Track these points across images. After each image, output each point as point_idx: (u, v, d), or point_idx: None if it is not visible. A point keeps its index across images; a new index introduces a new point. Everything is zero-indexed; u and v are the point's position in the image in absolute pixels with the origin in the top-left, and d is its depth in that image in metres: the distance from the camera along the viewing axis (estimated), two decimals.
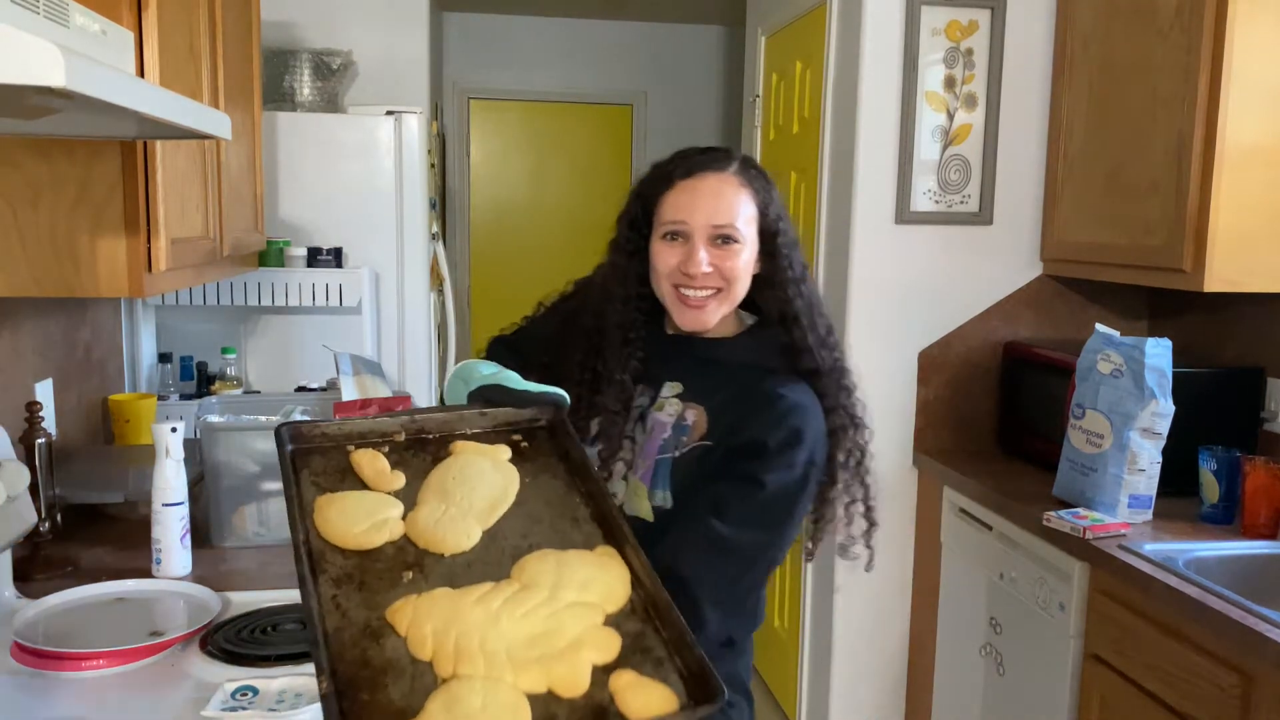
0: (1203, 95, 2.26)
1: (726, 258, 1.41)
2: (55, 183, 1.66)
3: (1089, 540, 2.14)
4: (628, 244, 1.48)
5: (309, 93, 3.47)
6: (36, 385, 2.07)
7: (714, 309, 1.44)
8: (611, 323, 1.48)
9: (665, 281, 1.44)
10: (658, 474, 1.40)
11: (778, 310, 1.45)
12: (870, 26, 2.82)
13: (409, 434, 1.25)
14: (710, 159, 1.44)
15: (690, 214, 1.41)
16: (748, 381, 1.42)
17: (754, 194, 1.43)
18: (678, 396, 1.44)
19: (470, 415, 1.28)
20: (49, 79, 0.93)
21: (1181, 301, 2.82)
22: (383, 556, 1.08)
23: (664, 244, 1.43)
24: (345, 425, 1.23)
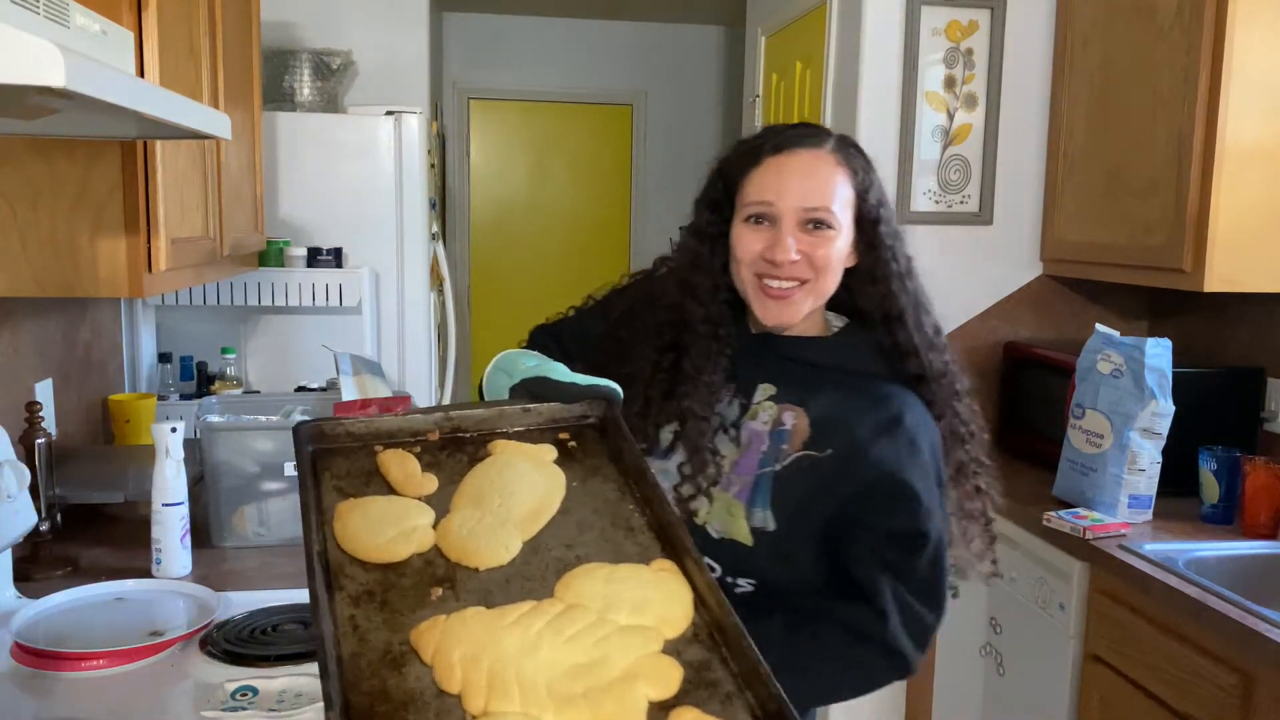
0: (1203, 95, 2.26)
1: (818, 245, 1.27)
2: (55, 183, 1.66)
3: (1089, 540, 2.14)
4: (710, 228, 1.34)
5: (309, 93, 3.47)
6: (36, 385, 2.07)
7: (800, 302, 1.29)
8: (696, 318, 1.33)
9: (747, 270, 1.30)
10: (757, 491, 1.26)
11: (879, 309, 1.32)
12: (870, 26, 2.82)
13: (443, 433, 1.13)
14: (803, 134, 1.30)
15: (778, 194, 1.26)
16: (851, 386, 1.30)
17: (851, 175, 1.29)
18: (771, 399, 1.30)
19: (512, 412, 1.15)
20: (49, 79, 0.93)
21: (1181, 301, 2.82)
22: (409, 570, 0.96)
23: (747, 228, 1.29)
24: (373, 424, 1.12)
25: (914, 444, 1.25)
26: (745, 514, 1.25)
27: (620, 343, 1.39)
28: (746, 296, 1.32)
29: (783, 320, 1.30)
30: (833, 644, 1.22)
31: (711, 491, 1.27)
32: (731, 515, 1.26)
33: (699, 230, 1.35)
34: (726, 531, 1.26)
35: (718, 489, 1.27)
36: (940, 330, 1.36)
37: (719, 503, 1.27)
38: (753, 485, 1.26)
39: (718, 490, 1.27)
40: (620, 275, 1.53)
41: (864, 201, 1.30)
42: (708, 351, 1.31)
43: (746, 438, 1.28)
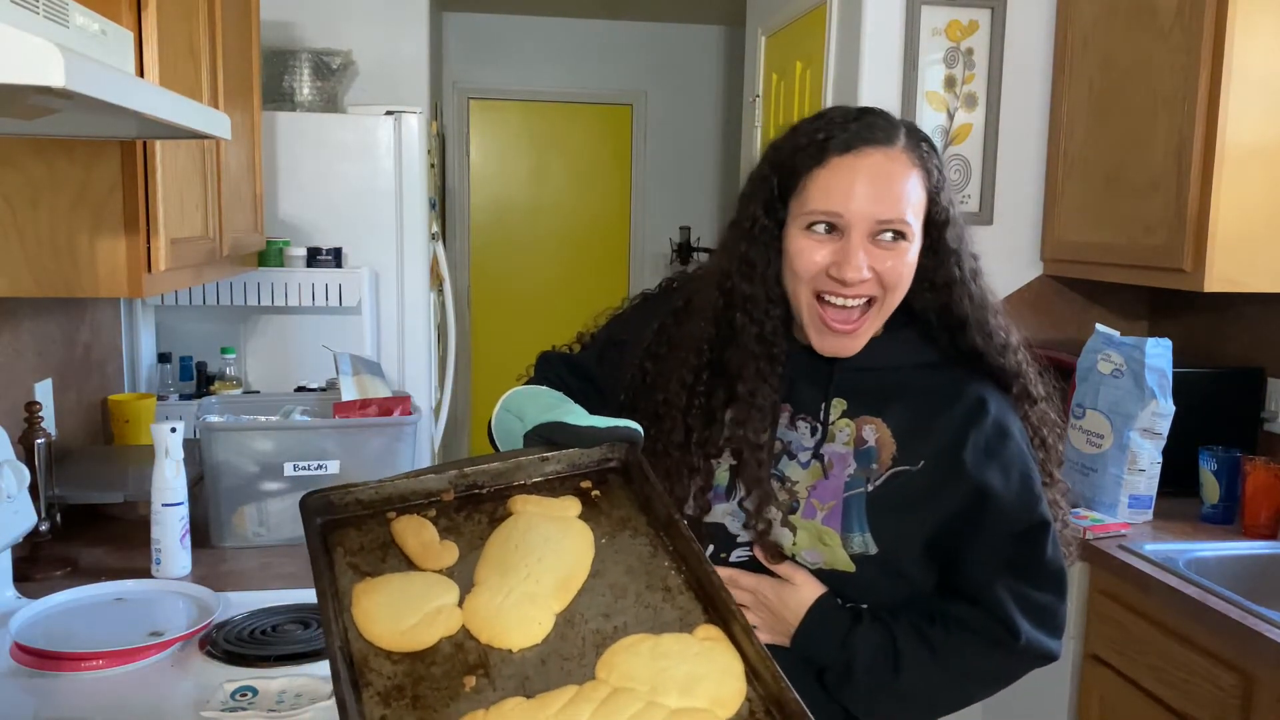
0: (1203, 95, 2.26)
1: (889, 258, 1.13)
2: (55, 183, 1.66)
3: (1089, 540, 2.14)
4: (762, 233, 1.18)
5: (309, 93, 3.47)
6: (36, 385, 2.06)
7: (865, 331, 1.16)
8: (749, 335, 1.18)
9: (806, 288, 1.15)
10: (849, 514, 1.15)
11: (938, 315, 1.21)
12: (870, 26, 2.82)
13: (458, 491, 1.06)
14: (873, 128, 1.14)
15: (847, 202, 1.11)
16: (923, 384, 1.20)
17: (925, 176, 1.15)
18: (845, 416, 1.19)
19: (529, 462, 1.07)
20: (49, 79, 0.92)
21: (1182, 301, 2.82)
22: (439, 658, 0.89)
23: (808, 238, 1.14)
24: (384, 488, 1.04)
25: (1003, 430, 1.17)
26: (842, 542, 1.15)
27: (649, 369, 1.26)
28: (801, 317, 1.18)
29: (843, 353, 1.17)
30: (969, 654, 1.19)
31: (792, 520, 1.16)
32: (826, 544, 1.16)
33: (749, 234, 1.19)
34: (824, 562, 1.16)
35: (798, 517, 1.16)
36: (1013, 330, 1.24)
37: (806, 532, 1.16)
38: (843, 509, 1.15)
39: (798, 519, 1.17)
40: (621, 300, 1.41)
41: (935, 205, 1.17)
42: (761, 373, 1.18)
43: (829, 460, 1.17)
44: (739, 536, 1.20)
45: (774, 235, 1.17)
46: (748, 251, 1.19)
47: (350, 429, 2.06)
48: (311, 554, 0.97)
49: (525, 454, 1.08)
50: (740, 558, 1.20)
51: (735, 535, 1.20)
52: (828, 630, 1.16)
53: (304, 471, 2.00)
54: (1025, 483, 1.17)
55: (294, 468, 2.00)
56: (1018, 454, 1.17)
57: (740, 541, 1.20)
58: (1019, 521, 1.15)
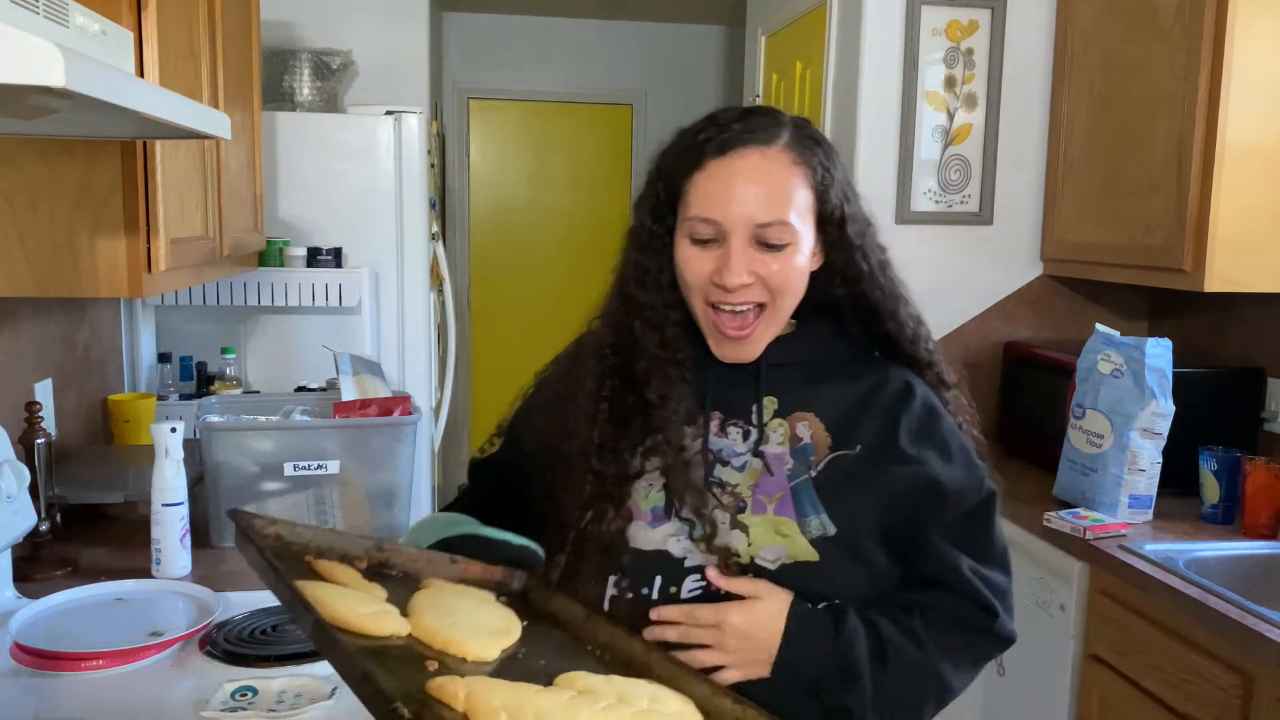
0: (1203, 95, 2.26)
1: (774, 262, 1.11)
2: (55, 183, 1.66)
3: (1089, 540, 2.14)
4: (654, 240, 1.17)
5: (309, 93, 3.47)
6: (36, 385, 2.06)
7: (759, 336, 1.15)
8: (650, 342, 1.16)
9: (698, 297, 1.14)
10: (800, 500, 1.12)
11: (851, 308, 1.20)
12: (870, 26, 2.82)
13: (371, 563, 1.07)
14: (753, 128, 1.12)
15: (724, 207, 1.10)
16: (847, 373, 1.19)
17: (810, 175, 1.12)
18: (777, 415, 1.16)
19: (440, 559, 1.11)
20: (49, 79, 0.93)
21: (1182, 301, 2.82)
22: (393, 646, 0.92)
23: (692, 248, 1.13)
24: (303, 534, 1.05)
25: (933, 409, 1.18)
26: (800, 528, 1.11)
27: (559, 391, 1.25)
28: (699, 324, 1.17)
29: (741, 358, 1.16)
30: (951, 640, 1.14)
31: (742, 519, 1.12)
32: (784, 535, 1.11)
33: (641, 241, 1.18)
34: (787, 555, 1.11)
35: (748, 515, 1.13)
36: (921, 320, 1.23)
37: (760, 527, 1.12)
38: (793, 496, 1.12)
39: (749, 516, 1.12)
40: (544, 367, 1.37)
41: (825, 203, 1.14)
42: (669, 378, 1.16)
43: (768, 462, 1.14)
44: (687, 560, 1.12)
45: (665, 242, 1.16)
46: (641, 259, 1.18)
47: (350, 429, 2.06)
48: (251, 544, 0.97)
49: (438, 554, 1.12)
50: (693, 590, 1.11)
51: (683, 560, 1.12)
52: (813, 636, 1.09)
53: (304, 471, 2.00)
54: (966, 456, 1.18)
55: (294, 468, 2.00)
56: (951, 431, 1.18)
57: (689, 567, 1.12)
58: (969, 497, 1.16)
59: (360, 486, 2.05)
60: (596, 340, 1.22)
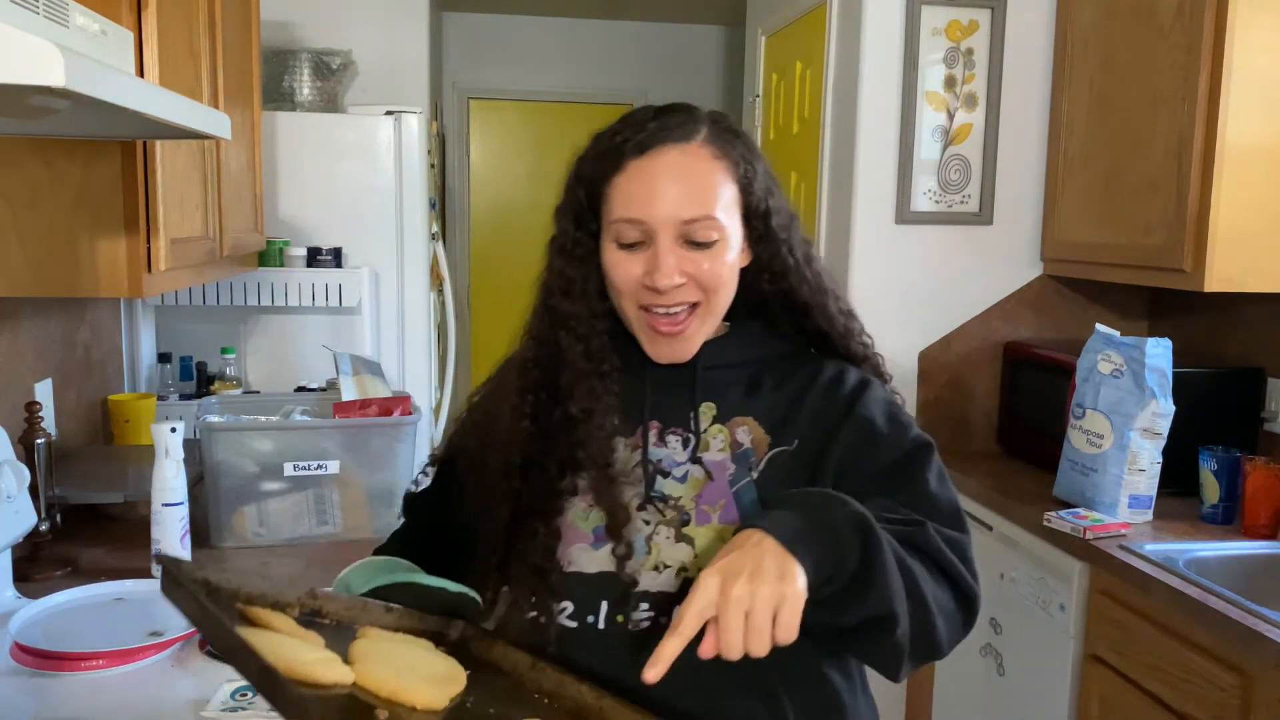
0: (1203, 95, 2.26)
1: (704, 259, 1.08)
2: (55, 183, 1.66)
3: (1089, 540, 2.14)
4: (577, 247, 1.13)
5: (309, 93, 3.47)
6: (36, 385, 2.06)
7: (694, 332, 1.11)
8: (575, 354, 1.12)
9: (629, 302, 1.11)
10: (743, 504, 1.09)
11: (781, 304, 1.17)
12: (870, 26, 2.82)
13: (304, 611, 1.03)
14: (669, 125, 1.09)
15: (648, 208, 1.07)
16: (783, 372, 1.16)
17: (732, 167, 1.10)
18: (716, 421, 1.13)
19: (375, 607, 1.08)
20: (49, 79, 0.93)
21: (1182, 301, 2.82)
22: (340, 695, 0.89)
23: (619, 252, 1.09)
24: (234, 579, 1.01)
25: (865, 381, 1.15)
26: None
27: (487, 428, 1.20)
28: (633, 330, 1.13)
29: (678, 357, 1.12)
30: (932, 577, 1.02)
31: (687, 532, 1.08)
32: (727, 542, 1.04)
33: (564, 250, 1.14)
34: None
35: (692, 526, 1.08)
36: (853, 315, 1.21)
37: (705, 538, 1.07)
38: (735, 502, 1.09)
39: (694, 528, 1.08)
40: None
41: (750, 195, 1.11)
42: (594, 391, 1.11)
43: (709, 470, 1.10)
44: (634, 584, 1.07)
45: (590, 249, 1.13)
46: (564, 268, 1.14)
47: (350, 429, 2.06)
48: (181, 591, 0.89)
49: (372, 602, 1.08)
50: (644, 618, 1.05)
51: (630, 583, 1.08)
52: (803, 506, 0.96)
53: (304, 471, 2.00)
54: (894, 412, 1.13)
55: (294, 468, 2.00)
56: (879, 397, 1.14)
57: (637, 592, 1.06)
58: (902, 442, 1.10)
59: (360, 486, 2.05)
60: (521, 355, 1.19)
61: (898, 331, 2.92)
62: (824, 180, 3.06)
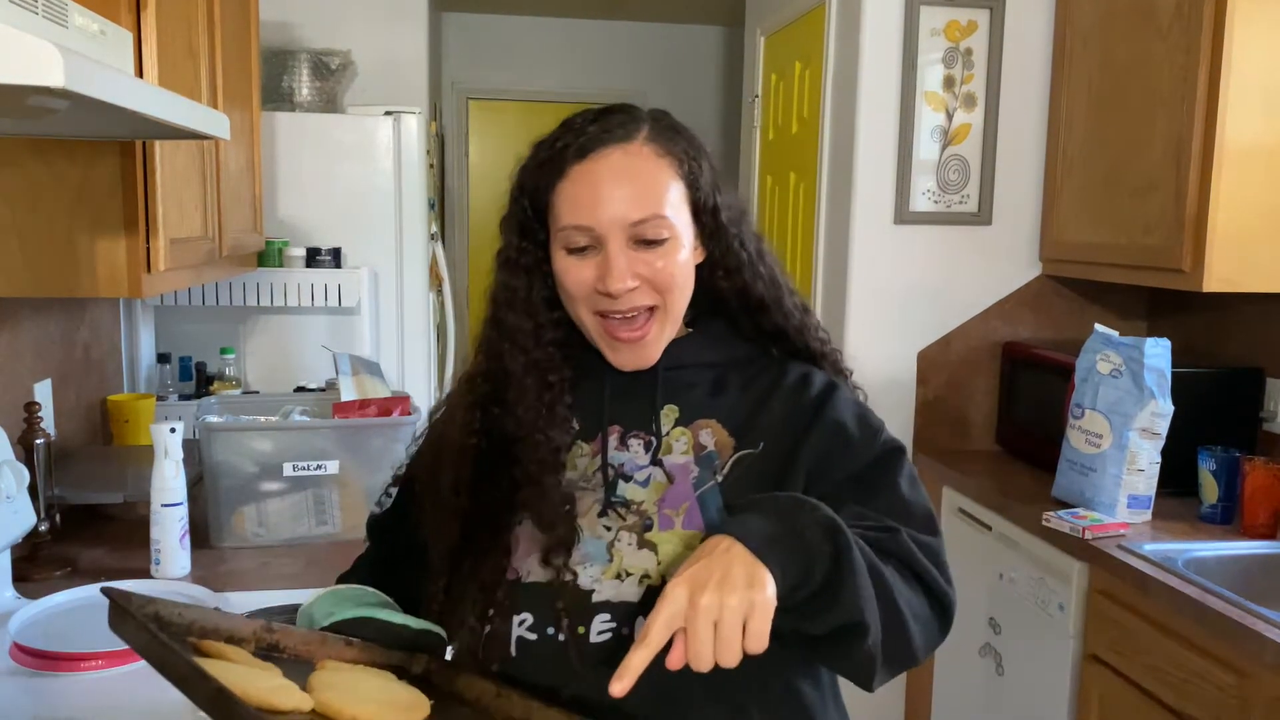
0: (1202, 95, 2.26)
1: (655, 260, 1.06)
2: (54, 183, 1.66)
3: (1088, 540, 2.14)
4: (522, 257, 1.11)
5: (308, 93, 3.47)
6: (35, 385, 2.06)
7: (655, 337, 1.09)
8: (518, 364, 1.10)
9: (585, 309, 1.08)
10: (707, 509, 1.06)
11: (737, 300, 1.15)
12: (869, 26, 2.82)
13: (259, 646, 1.01)
14: (610, 127, 1.07)
15: (595, 211, 1.04)
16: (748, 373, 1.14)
17: (677, 164, 1.08)
18: (679, 424, 1.11)
19: (335, 641, 1.05)
20: (48, 79, 0.93)
21: (1181, 301, 2.82)
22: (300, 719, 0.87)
23: (569, 258, 1.07)
24: (188, 613, 0.98)
25: (831, 385, 1.13)
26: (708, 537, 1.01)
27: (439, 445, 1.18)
28: (591, 338, 1.11)
29: (641, 363, 1.10)
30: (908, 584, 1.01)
31: (649, 538, 1.05)
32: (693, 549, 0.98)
33: (510, 261, 1.12)
34: None
35: (655, 533, 1.05)
36: (809, 309, 1.18)
37: (669, 544, 1.04)
38: (699, 506, 1.06)
39: (656, 534, 1.05)
40: None
41: (697, 191, 1.09)
42: (541, 402, 1.09)
43: (670, 473, 1.08)
44: (595, 593, 1.03)
45: (536, 259, 1.10)
46: (508, 280, 1.12)
47: (350, 429, 2.06)
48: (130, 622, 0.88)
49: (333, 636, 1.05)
50: (603, 632, 1.02)
51: (590, 592, 1.03)
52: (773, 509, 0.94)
53: (303, 472, 2.00)
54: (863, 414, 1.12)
55: (293, 468, 2.00)
56: (848, 399, 1.13)
57: (597, 603, 1.02)
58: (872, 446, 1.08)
59: (359, 487, 2.05)
60: (471, 370, 1.17)
61: (897, 332, 2.92)
62: (823, 180, 3.06)
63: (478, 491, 1.10)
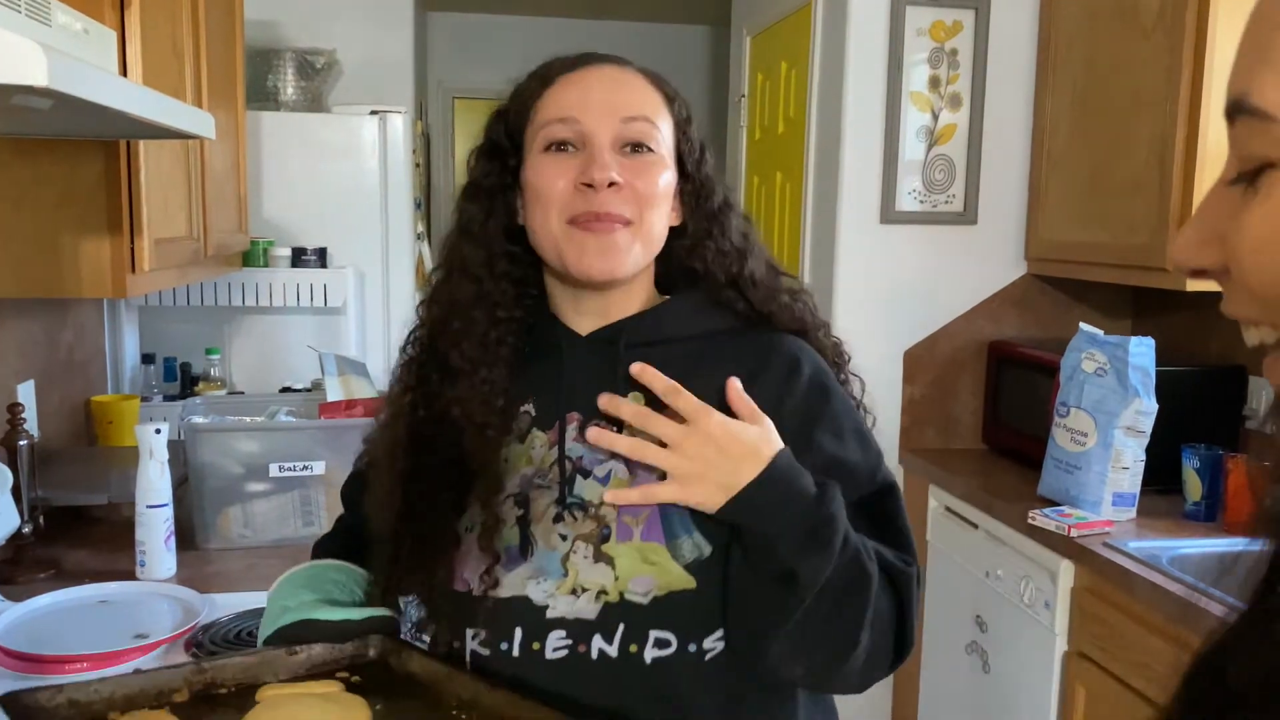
0: (1185, 95, 2.28)
1: (641, 171, 0.97)
2: (38, 183, 1.65)
3: (1074, 538, 2.15)
4: (485, 179, 1.02)
5: (293, 92, 3.46)
6: (18, 386, 2.05)
7: (627, 247, 0.97)
8: (466, 294, 0.99)
9: (555, 215, 0.97)
10: (670, 520, 0.95)
11: (722, 272, 1.04)
12: (855, 27, 2.82)
13: (194, 690, 0.96)
14: (603, 55, 1.03)
15: (583, 106, 0.97)
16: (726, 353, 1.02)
17: (668, 104, 1.03)
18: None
19: (276, 656, 1.00)
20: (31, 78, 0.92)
21: (1165, 300, 2.84)
22: None
23: (547, 158, 0.97)
24: (104, 687, 0.93)
25: (822, 385, 1.02)
26: (670, 553, 0.94)
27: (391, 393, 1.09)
28: (559, 254, 0.98)
29: (610, 267, 0.97)
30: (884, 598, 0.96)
31: (606, 550, 0.95)
32: (654, 563, 0.94)
33: (471, 186, 1.03)
34: (658, 587, 0.94)
35: (612, 544, 0.95)
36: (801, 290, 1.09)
37: (627, 558, 0.95)
38: (661, 516, 0.95)
39: (614, 545, 0.95)
40: None
41: (685, 136, 1.02)
42: (485, 341, 0.98)
43: (632, 468, 0.97)
44: (549, 610, 0.96)
45: (503, 183, 1.01)
46: (467, 206, 1.02)
47: (336, 430, 2.06)
48: None
49: (272, 650, 1.01)
50: (560, 648, 0.96)
51: (545, 608, 0.96)
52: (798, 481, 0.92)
53: (289, 472, 2.00)
54: (860, 437, 1.03)
55: (279, 469, 1.99)
56: (845, 409, 1.03)
57: (552, 618, 0.96)
58: (863, 484, 1.00)
59: None
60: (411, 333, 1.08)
61: (883, 331, 2.93)
62: (809, 180, 3.06)
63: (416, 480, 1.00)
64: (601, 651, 0.95)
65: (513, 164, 1.01)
